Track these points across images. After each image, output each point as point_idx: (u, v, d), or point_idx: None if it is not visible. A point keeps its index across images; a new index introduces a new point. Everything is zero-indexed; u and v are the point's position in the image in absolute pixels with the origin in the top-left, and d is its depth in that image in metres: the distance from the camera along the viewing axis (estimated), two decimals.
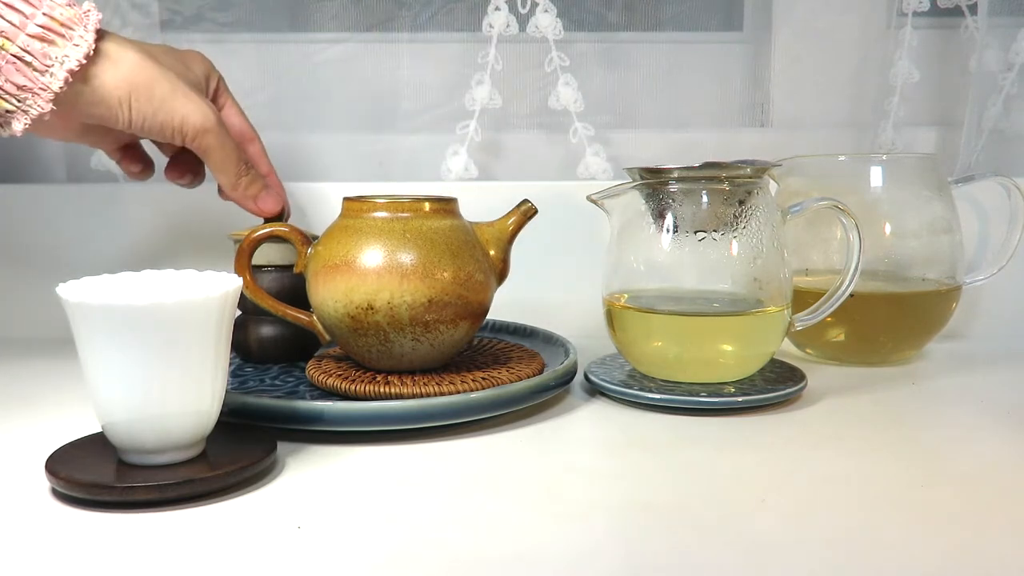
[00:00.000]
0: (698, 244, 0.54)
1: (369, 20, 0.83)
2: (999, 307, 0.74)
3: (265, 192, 0.59)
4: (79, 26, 0.49)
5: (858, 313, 0.61)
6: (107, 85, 0.50)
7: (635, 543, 0.35)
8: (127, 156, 0.61)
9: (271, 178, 0.62)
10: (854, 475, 0.42)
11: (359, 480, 0.42)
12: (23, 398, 0.56)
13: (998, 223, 0.71)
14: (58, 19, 0.48)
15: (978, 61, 0.76)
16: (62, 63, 0.48)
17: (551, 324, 0.65)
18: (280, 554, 0.34)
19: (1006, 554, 0.33)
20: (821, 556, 0.33)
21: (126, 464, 0.40)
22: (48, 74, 0.48)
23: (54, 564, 0.33)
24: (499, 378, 0.52)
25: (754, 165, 0.53)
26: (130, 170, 0.62)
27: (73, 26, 0.48)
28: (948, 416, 0.53)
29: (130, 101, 0.51)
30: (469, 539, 0.35)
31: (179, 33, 0.82)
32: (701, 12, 0.86)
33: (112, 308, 0.37)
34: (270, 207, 0.59)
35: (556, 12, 0.76)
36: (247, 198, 0.58)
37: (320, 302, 0.52)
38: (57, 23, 0.48)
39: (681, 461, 0.44)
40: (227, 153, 0.55)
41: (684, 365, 0.54)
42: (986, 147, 0.77)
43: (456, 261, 0.51)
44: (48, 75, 0.48)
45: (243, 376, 0.58)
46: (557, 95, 0.78)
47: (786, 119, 0.84)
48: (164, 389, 0.39)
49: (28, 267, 0.75)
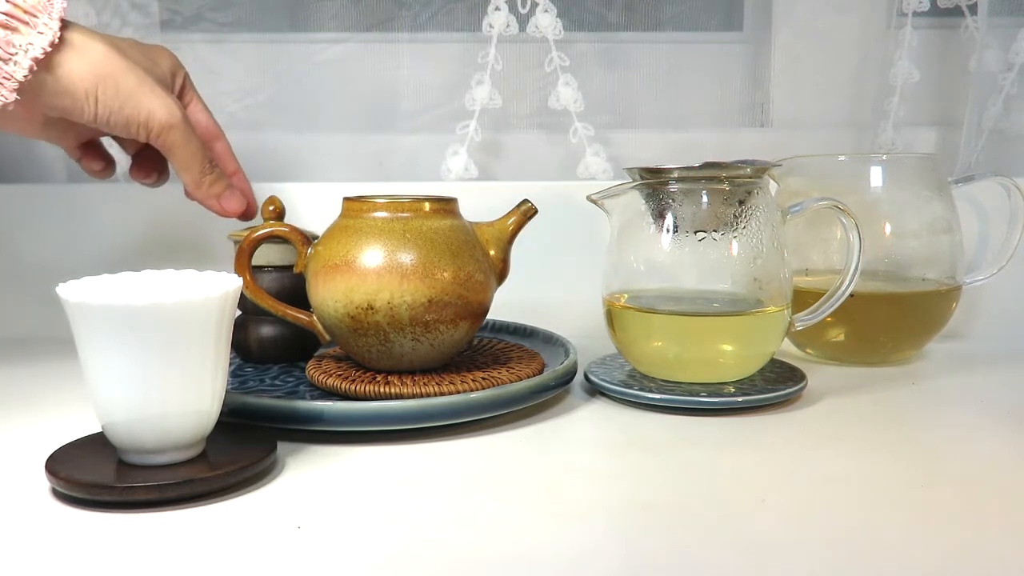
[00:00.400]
0: (698, 244, 0.54)
1: (369, 20, 0.83)
2: (999, 307, 0.74)
3: (229, 192, 0.58)
4: (43, 14, 0.47)
5: (858, 313, 0.61)
6: (73, 75, 0.49)
7: (635, 543, 0.35)
8: (88, 154, 0.60)
9: (237, 177, 0.61)
10: (854, 475, 0.42)
11: (359, 480, 0.42)
12: (23, 398, 0.56)
13: (998, 223, 0.71)
14: (22, 6, 0.47)
15: (978, 61, 0.76)
16: (26, 51, 0.46)
17: (551, 324, 0.65)
18: (280, 554, 0.34)
19: (1006, 554, 0.33)
20: (821, 556, 0.33)
21: (126, 464, 0.40)
22: (12, 62, 0.46)
23: (54, 564, 0.33)
24: (499, 378, 0.52)
25: (754, 165, 0.53)
26: (91, 168, 0.60)
27: (37, 13, 0.47)
28: (948, 416, 0.53)
29: (97, 93, 0.49)
30: (469, 539, 0.35)
31: (179, 33, 0.82)
32: (701, 12, 0.86)
33: (112, 308, 0.37)
34: (233, 207, 0.58)
35: (556, 12, 0.76)
36: (210, 197, 0.57)
37: (320, 302, 0.52)
38: (21, 10, 0.47)
39: (681, 461, 0.44)
40: (192, 151, 0.54)
41: (684, 365, 0.54)
42: (986, 147, 0.77)
43: (456, 261, 0.51)
44: (12, 63, 0.46)
45: (243, 376, 0.58)
46: (557, 95, 0.78)
47: (786, 119, 0.84)
48: (164, 389, 0.39)
49: (28, 267, 0.75)
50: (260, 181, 0.79)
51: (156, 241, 0.76)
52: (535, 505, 0.38)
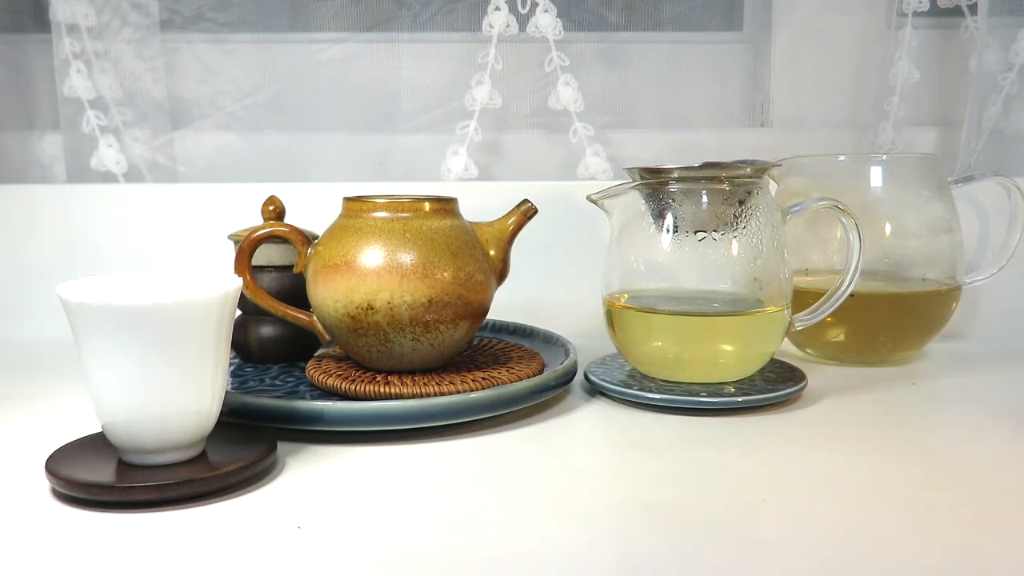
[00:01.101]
0: (698, 244, 0.54)
1: (369, 20, 0.83)
2: (999, 307, 0.74)
3: None
4: None
5: (858, 313, 0.61)
6: None
7: (635, 543, 0.35)
8: None
9: None
10: (854, 475, 0.42)
11: (359, 480, 0.42)
12: (23, 398, 0.56)
13: (998, 223, 0.71)
14: None
15: (978, 61, 0.76)
16: None
17: (551, 324, 0.65)
18: (280, 554, 0.34)
19: (1006, 554, 0.33)
20: (821, 556, 0.33)
21: (126, 464, 0.40)
22: None
23: (54, 564, 0.33)
24: (499, 378, 0.52)
25: (754, 165, 0.53)
26: None
27: None
28: (948, 416, 0.53)
29: None
30: (469, 539, 0.35)
31: (179, 33, 0.82)
32: (701, 12, 0.86)
33: (112, 308, 0.37)
34: None
35: (556, 12, 0.76)
36: None
37: (320, 302, 0.52)
38: None
39: (681, 461, 0.44)
40: None
41: (684, 365, 0.54)
42: (986, 147, 0.77)
43: (456, 261, 0.51)
44: None
45: (243, 376, 0.58)
46: (557, 95, 0.78)
47: (786, 119, 0.84)
48: (164, 389, 0.39)
49: (28, 267, 0.75)
50: (260, 181, 0.79)
51: (156, 241, 0.76)
52: (535, 505, 0.38)
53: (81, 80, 0.77)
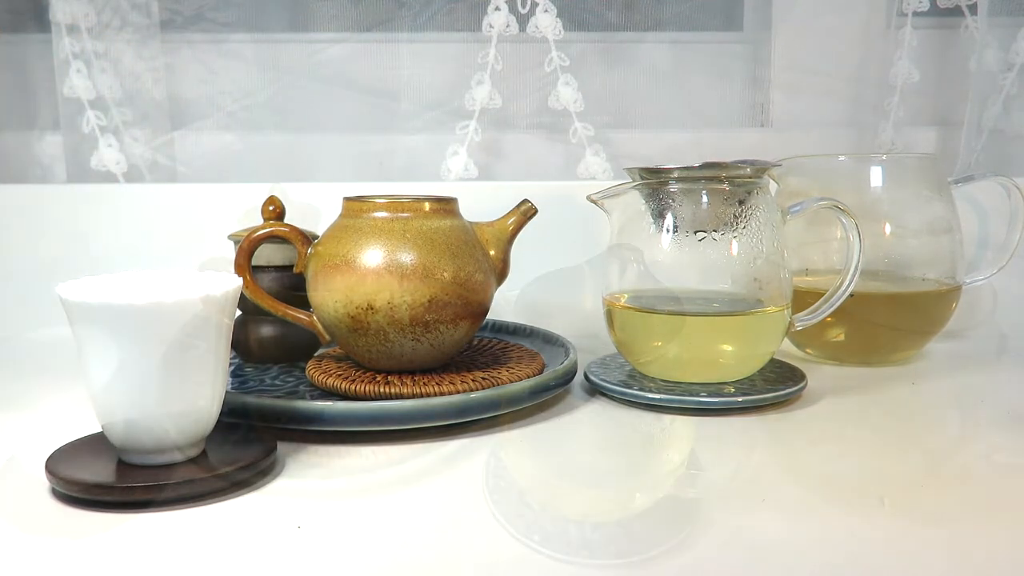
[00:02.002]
0: (698, 244, 0.54)
1: (369, 20, 0.83)
2: (999, 307, 0.74)
3: None
4: None
5: (858, 313, 0.61)
6: None
7: (635, 543, 0.35)
8: None
9: None
10: (854, 475, 0.42)
11: (359, 480, 0.42)
12: (23, 398, 0.56)
13: (998, 223, 0.71)
14: None
15: (978, 61, 0.76)
16: None
17: (551, 324, 0.65)
18: (280, 554, 0.34)
19: (1006, 554, 0.33)
20: (821, 556, 0.33)
21: (126, 464, 0.40)
22: None
23: (54, 564, 0.33)
24: (499, 378, 0.52)
25: (754, 165, 0.53)
26: None
27: None
28: (948, 416, 0.53)
29: None
30: (469, 539, 0.35)
31: (179, 33, 0.82)
32: (701, 12, 0.86)
33: (112, 308, 0.37)
34: None
35: (556, 12, 0.76)
36: None
37: (320, 302, 0.52)
38: None
39: (681, 461, 0.44)
40: None
41: (684, 365, 0.54)
42: (986, 147, 0.77)
43: (456, 261, 0.51)
44: None
45: (243, 376, 0.58)
46: (557, 95, 0.78)
47: (786, 119, 0.84)
48: (164, 389, 0.39)
49: (28, 267, 0.75)
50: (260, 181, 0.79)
51: (156, 241, 0.76)
52: (536, 505, 0.38)
53: (81, 80, 0.77)
